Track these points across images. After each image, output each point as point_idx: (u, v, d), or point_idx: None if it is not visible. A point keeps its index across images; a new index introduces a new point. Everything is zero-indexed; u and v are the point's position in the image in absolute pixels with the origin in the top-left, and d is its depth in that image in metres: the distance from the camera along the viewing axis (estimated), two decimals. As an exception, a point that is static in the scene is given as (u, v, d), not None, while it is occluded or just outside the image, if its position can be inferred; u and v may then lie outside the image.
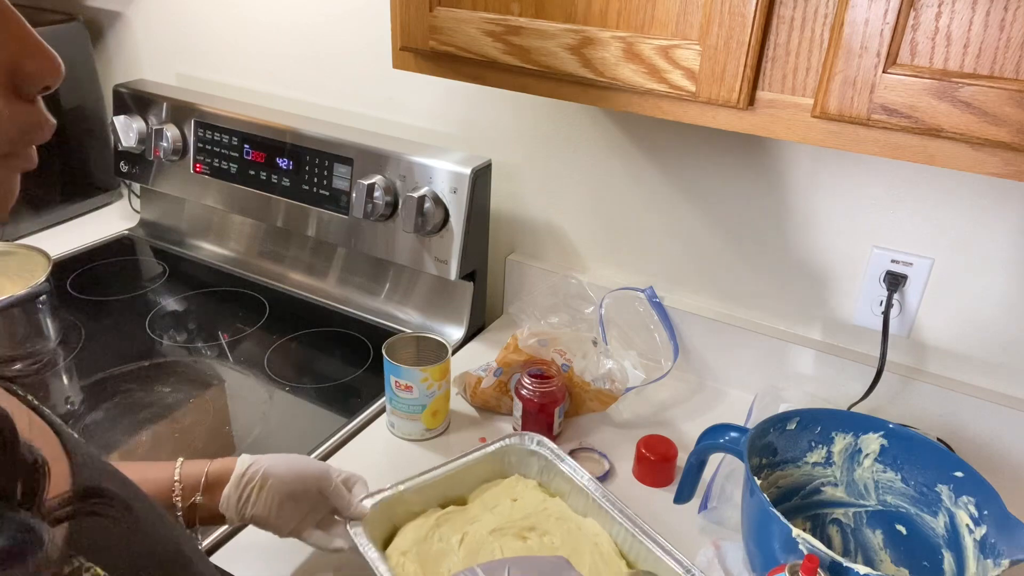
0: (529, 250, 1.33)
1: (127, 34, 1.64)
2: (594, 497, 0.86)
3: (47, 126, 0.40)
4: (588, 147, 1.19)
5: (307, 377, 1.18)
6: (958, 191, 0.96)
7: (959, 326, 1.02)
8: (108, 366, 1.17)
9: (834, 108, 0.69)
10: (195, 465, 0.76)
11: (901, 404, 1.06)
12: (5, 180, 0.40)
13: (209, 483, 0.75)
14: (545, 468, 0.92)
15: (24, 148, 0.40)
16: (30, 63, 0.39)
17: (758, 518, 0.78)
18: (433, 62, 0.92)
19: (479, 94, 1.25)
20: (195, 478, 0.75)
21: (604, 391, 1.05)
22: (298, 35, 1.40)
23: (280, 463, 0.77)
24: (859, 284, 1.06)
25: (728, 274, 1.16)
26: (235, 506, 0.75)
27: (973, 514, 0.79)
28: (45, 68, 0.39)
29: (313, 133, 1.29)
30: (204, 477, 0.75)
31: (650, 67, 0.77)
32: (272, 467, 0.76)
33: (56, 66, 0.40)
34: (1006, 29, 0.61)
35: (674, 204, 1.16)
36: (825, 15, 0.68)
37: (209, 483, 0.75)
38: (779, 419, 0.87)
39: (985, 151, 0.66)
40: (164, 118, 1.45)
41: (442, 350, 1.02)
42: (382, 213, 1.21)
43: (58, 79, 0.40)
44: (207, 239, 1.54)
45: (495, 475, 0.93)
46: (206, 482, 0.75)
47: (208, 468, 0.76)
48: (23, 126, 0.39)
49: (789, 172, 1.05)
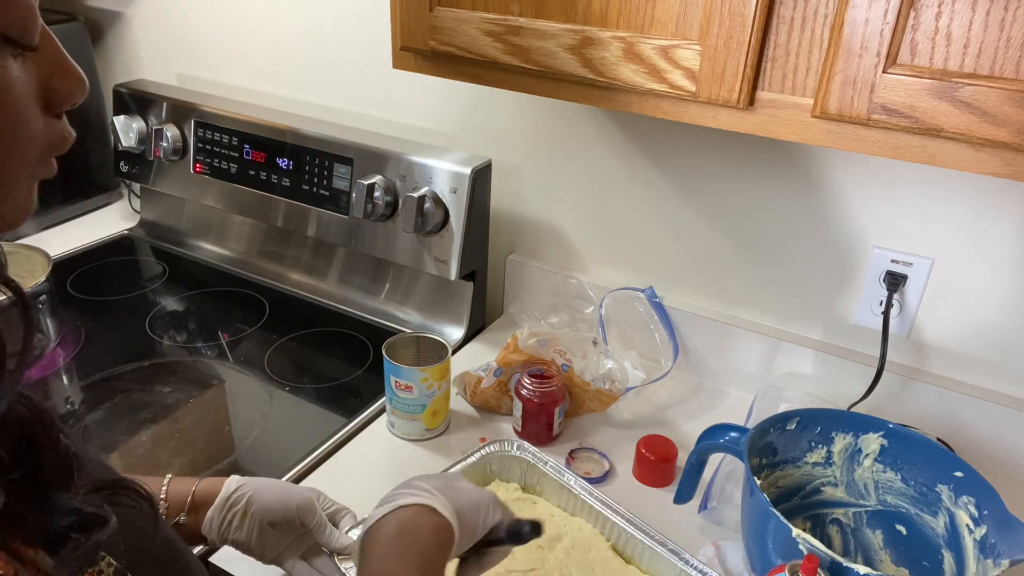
0: (529, 250, 1.33)
1: (127, 34, 1.64)
2: (581, 496, 0.86)
3: (70, 138, 0.43)
4: (588, 147, 1.19)
5: (307, 377, 1.18)
6: (958, 191, 0.96)
7: (959, 326, 1.02)
8: (108, 366, 1.17)
9: (834, 108, 0.69)
10: (183, 483, 0.74)
11: (901, 404, 1.06)
12: (29, 190, 0.42)
13: (195, 503, 0.73)
14: (528, 471, 0.92)
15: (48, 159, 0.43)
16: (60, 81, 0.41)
17: (758, 518, 0.78)
18: (433, 62, 0.92)
19: (479, 94, 1.25)
20: (181, 497, 0.73)
21: (604, 391, 1.05)
22: (298, 35, 1.40)
23: (267, 490, 0.75)
24: (859, 284, 1.06)
25: (728, 274, 1.16)
26: (217, 529, 0.73)
27: (973, 514, 0.79)
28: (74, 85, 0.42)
29: (313, 133, 1.29)
30: (191, 497, 0.73)
31: (650, 67, 0.77)
32: (258, 493, 0.74)
33: (83, 83, 0.43)
34: (1006, 29, 0.61)
35: (674, 204, 1.16)
36: (825, 15, 0.68)
37: (195, 503, 0.73)
38: (779, 419, 0.87)
39: (985, 151, 0.66)
40: (164, 118, 1.45)
41: (442, 350, 1.02)
42: (382, 213, 1.21)
43: (84, 95, 0.43)
44: (207, 239, 1.54)
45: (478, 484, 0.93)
46: (192, 502, 0.73)
47: (195, 488, 0.74)
48: (51, 140, 0.42)
49: (789, 172, 1.05)
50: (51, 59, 0.41)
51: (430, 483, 0.64)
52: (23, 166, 0.40)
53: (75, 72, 0.42)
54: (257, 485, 0.75)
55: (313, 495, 0.78)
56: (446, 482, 0.66)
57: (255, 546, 0.74)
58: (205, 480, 0.75)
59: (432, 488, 0.63)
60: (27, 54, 0.39)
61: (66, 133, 0.43)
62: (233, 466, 1.00)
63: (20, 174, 0.40)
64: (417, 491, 0.62)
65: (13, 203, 0.41)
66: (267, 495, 0.75)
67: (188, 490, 0.74)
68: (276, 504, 0.75)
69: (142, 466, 0.99)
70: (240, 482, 0.75)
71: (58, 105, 0.42)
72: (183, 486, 0.74)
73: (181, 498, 0.73)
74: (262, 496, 0.74)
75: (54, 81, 0.41)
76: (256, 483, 0.76)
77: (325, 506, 0.80)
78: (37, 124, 0.40)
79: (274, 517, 0.74)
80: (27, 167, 0.41)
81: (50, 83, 0.41)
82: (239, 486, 0.74)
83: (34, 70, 0.40)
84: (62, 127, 0.43)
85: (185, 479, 0.75)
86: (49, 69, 0.41)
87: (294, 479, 0.97)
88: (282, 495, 0.76)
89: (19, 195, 0.41)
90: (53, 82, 0.41)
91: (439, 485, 0.64)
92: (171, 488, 0.73)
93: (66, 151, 0.43)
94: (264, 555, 0.75)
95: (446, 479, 0.67)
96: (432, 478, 0.66)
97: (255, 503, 0.74)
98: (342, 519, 0.81)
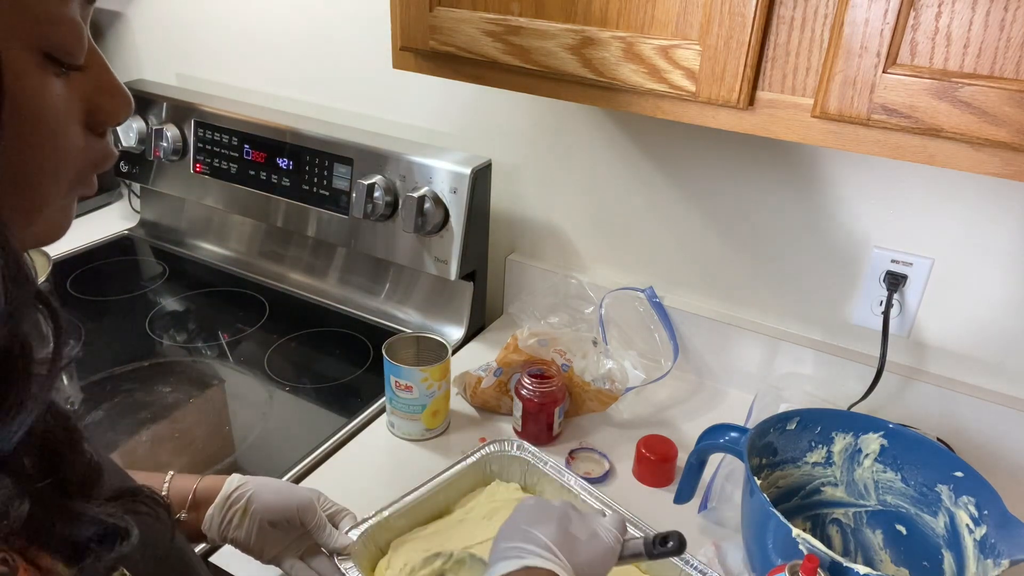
0: (529, 250, 1.33)
1: (127, 34, 1.64)
2: (581, 496, 0.86)
3: (112, 157, 0.43)
4: (588, 147, 1.19)
5: (307, 377, 1.18)
6: (958, 191, 0.96)
7: (959, 326, 1.02)
8: (108, 366, 1.17)
9: (834, 108, 0.69)
10: (184, 480, 0.75)
11: (901, 404, 1.06)
12: (69, 206, 0.42)
13: (196, 501, 0.74)
14: (528, 471, 0.92)
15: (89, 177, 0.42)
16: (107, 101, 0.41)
17: (758, 518, 0.78)
18: (433, 62, 0.92)
19: (479, 94, 1.25)
20: (183, 494, 0.73)
21: (604, 391, 1.05)
22: (298, 35, 1.40)
23: (268, 489, 0.76)
24: (859, 284, 1.06)
25: (728, 274, 1.16)
26: (217, 528, 0.73)
27: (973, 514, 0.79)
28: (119, 106, 0.42)
29: (313, 133, 1.29)
30: (192, 494, 0.73)
31: (650, 67, 0.77)
32: (259, 492, 0.75)
33: (129, 104, 0.42)
34: (1006, 29, 0.61)
35: (674, 204, 1.16)
36: (825, 15, 0.68)
37: (196, 501, 0.74)
38: (779, 419, 0.87)
39: (985, 151, 0.66)
40: (164, 118, 1.45)
41: (442, 350, 1.02)
42: (382, 213, 1.21)
43: (129, 115, 0.42)
44: (207, 239, 1.54)
45: (477, 484, 0.93)
46: (193, 499, 0.73)
47: (196, 485, 0.74)
48: (93, 159, 0.41)
49: (789, 172, 1.05)
50: (98, 78, 0.40)
51: (549, 536, 0.64)
52: (58, 185, 0.40)
53: (121, 92, 0.42)
54: (258, 484, 0.76)
55: (313, 495, 0.78)
56: (563, 533, 0.66)
57: (255, 545, 0.74)
58: (206, 478, 0.75)
59: (555, 546, 0.64)
60: (72, 73, 0.39)
61: (108, 151, 0.42)
62: (233, 466, 1.00)
63: (55, 193, 0.40)
64: (541, 551, 0.63)
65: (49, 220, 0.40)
66: (268, 494, 0.75)
67: (189, 488, 0.74)
68: (276, 503, 0.75)
69: (142, 466, 0.99)
70: (241, 481, 0.75)
71: (102, 124, 0.41)
72: (185, 483, 0.74)
73: (182, 495, 0.73)
74: (263, 495, 0.75)
75: (100, 101, 0.40)
76: (257, 482, 0.76)
77: (325, 507, 0.80)
78: (77, 142, 0.40)
79: (274, 516, 0.74)
80: (63, 186, 0.40)
81: (95, 102, 0.40)
82: (240, 485, 0.75)
83: (79, 89, 0.39)
84: (104, 145, 0.42)
85: (187, 476, 0.75)
86: (95, 88, 0.40)
87: (294, 479, 0.97)
88: (283, 495, 0.76)
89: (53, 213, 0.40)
90: (98, 101, 0.40)
91: (559, 541, 0.65)
92: (173, 485, 0.74)
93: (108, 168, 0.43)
94: (263, 554, 0.76)
95: (561, 526, 0.67)
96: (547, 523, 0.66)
97: (255, 502, 0.74)
98: (342, 520, 0.81)
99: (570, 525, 0.67)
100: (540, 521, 0.66)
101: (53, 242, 0.42)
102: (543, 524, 0.66)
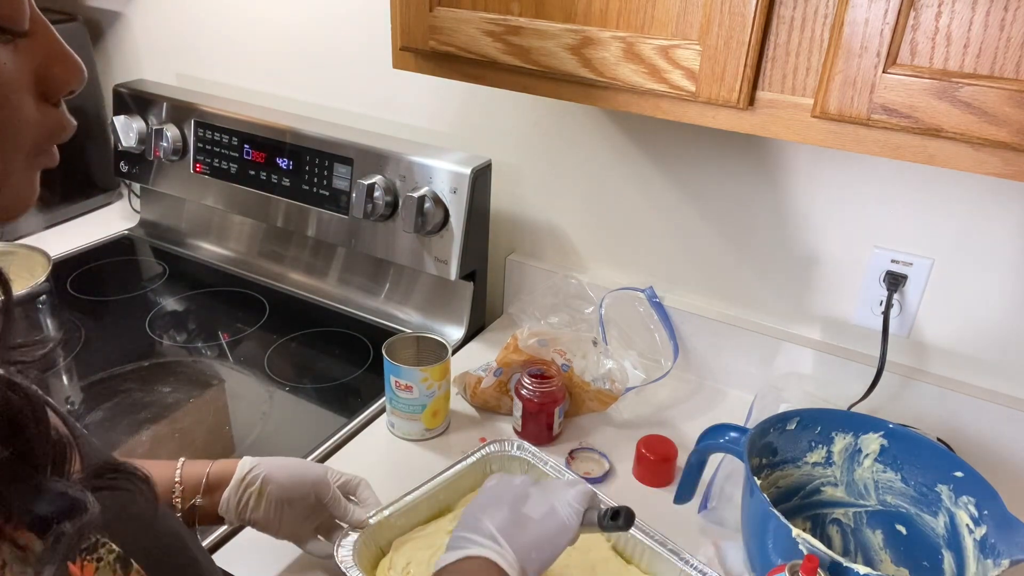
0: (529, 250, 1.33)
1: (127, 34, 1.64)
2: None
3: (69, 127, 0.43)
4: (588, 147, 1.19)
5: (307, 377, 1.18)
6: (958, 191, 0.96)
7: (959, 326, 1.02)
8: (108, 366, 1.17)
9: (834, 108, 0.69)
10: (196, 466, 0.76)
11: (901, 404, 1.06)
12: (30, 178, 0.42)
13: (210, 485, 0.75)
14: (528, 471, 0.92)
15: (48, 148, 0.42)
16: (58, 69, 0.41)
17: (758, 518, 0.78)
18: (433, 62, 0.92)
19: (479, 94, 1.25)
20: (196, 479, 0.75)
21: (604, 391, 1.05)
22: (298, 35, 1.40)
23: (281, 468, 0.77)
24: (859, 284, 1.06)
25: (728, 274, 1.16)
26: (234, 509, 0.75)
27: (973, 514, 0.79)
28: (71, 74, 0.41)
29: (313, 133, 1.29)
30: (205, 479, 0.75)
31: (650, 67, 0.77)
32: (272, 472, 0.76)
33: (80, 71, 0.42)
34: (1006, 29, 0.61)
35: (674, 204, 1.16)
36: (825, 15, 0.68)
37: (210, 485, 0.75)
38: (779, 419, 0.87)
39: (985, 151, 0.66)
40: (164, 118, 1.45)
41: (442, 350, 1.02)
42: (382, 213, 1.21)
43: (82, 84, 0.42)
44: (207, 239, 1.54)
45: (477, 484, 0.93)
46: (207, 484, 0.75)
47: (209, 469, 0.76)
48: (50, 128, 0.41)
49: (789, 172, 1.05)
50: (47, 46, 0.40)
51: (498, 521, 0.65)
52: (15, 154, 0.40)
53: (72, 60, 0.41)
54: (270, 465, 0.77)
55: (323, 470, 0.80)
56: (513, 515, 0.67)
57: (272, 523, 0.76)
58: (218, 462, 0.77)
59: (499, 533, 0.64)
60: (19, 41, 0.39)
61: (65, 122, 0.42)
62: (233, 466, 1.00)
63: (13, 162, 0.40)
64: (483, 540, 0.64)
65: (11, 192, 0.40)
66: (281, 473, 0.77)
67: (202, 473, 0.75)
68: (291, 482, 0.77)
69: (142, 466, 0.99)
70: (253, 463, 0.77)
71: (55, 93, 0.41)
72: (197, 468, 0.76)
73: (196, 480, 0.75)
74: (277, 475, 0.76)
75: (50, 69, 0.40)
76: (269, 463, 0.78)
77: (335, 479, 0.81)
78: (30, 112, 0.40)
79: (290, 495, 0.76)
80: (20, 155, 0.40)
81: (46, 71, 0.40)
82: (253, 466, 0.76)
83: (28, 57, 0.39)
84: (60, 115, 0.42)
85: (198, 462, 0.77)
86: (45, 57, 0.40)
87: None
88: (296, 473, 0.78)
89: (16, 184, 0.41)
90: (49, 70, 0.40)
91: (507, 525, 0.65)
92: (185, 471, 0.75)
93: (67, 139, 0.43)
94: (280, 531, 0.78)
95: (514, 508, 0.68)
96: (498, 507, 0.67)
97: (270, 482, 0.76)
98: (356, 487, 0.83)
99: (524, 505, 0.69)
100: (492, 505, 0.68)
101: (19, 215, 0.42)
102: (494, 508, 0.67)
